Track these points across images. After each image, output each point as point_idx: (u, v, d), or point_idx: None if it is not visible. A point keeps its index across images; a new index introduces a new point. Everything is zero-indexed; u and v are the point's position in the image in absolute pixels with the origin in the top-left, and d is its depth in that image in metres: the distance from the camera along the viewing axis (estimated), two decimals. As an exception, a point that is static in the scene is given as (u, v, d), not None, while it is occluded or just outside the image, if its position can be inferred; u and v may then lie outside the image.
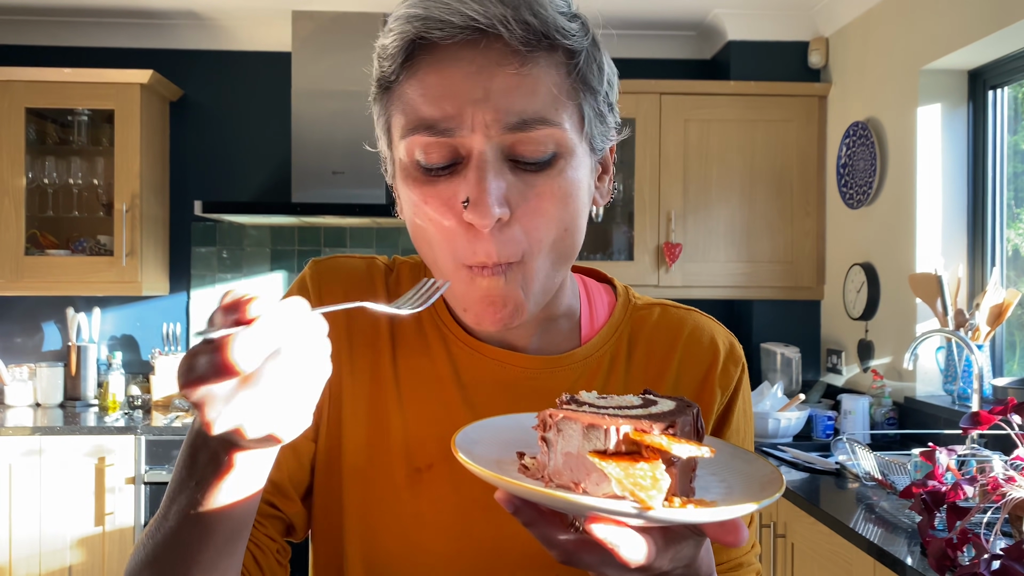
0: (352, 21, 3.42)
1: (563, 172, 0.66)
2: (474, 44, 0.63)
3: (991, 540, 1.59)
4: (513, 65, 0.63)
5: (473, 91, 0.62)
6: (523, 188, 0.65)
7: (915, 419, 2.82)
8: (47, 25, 3.63)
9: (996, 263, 2.74)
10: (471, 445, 0.61)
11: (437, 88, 0.63)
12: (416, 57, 0.65)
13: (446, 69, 0.63)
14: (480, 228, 0.63)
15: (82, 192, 3.51)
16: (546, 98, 0.64)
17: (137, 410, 3.44)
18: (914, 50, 2.83)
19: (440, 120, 0.63)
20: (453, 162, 0.65)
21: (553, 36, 0.64)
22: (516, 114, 0.63)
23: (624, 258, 3.48)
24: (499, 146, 0.64)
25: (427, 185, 0.66)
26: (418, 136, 0.64)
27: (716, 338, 0.80)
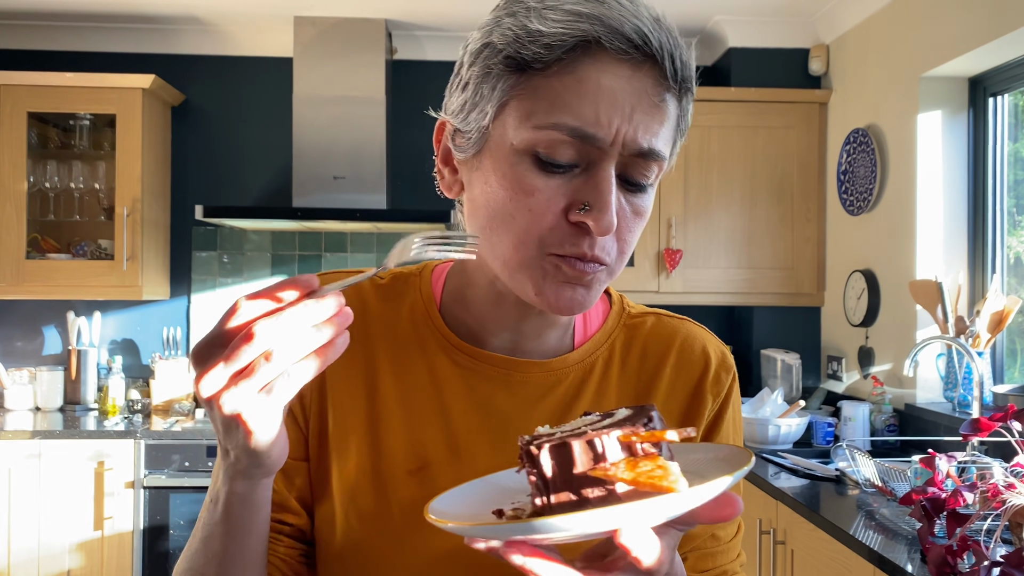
0: (354, 27, 3.43)
1: (650, 198, 0.71)
2: (635, 65, 0.65)
3: (991, 547, 1.58)
4: (658, 95, 0.66)
5: (624, 107, 0.65)
6: (625, 205, 0.68)
7: (915, 426, 2.81)
8: (49, 30, 3.64)
9: (996, 270, 2.74)
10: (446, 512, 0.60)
11: (595, 94, 0.64)
12: (579, 56, 0.64)
13: (607, 80, 0.64)
14: (596, 233, 0.65)
15: (83, 196, 3.51)
16: (666, 135, 0.68)
17: (137, 414, 3.43)
18: (914, 57, 2.83)
19: (589, 127, 0.64)
20: (573, 164, 0.66)
21: (688, 84, 0.68)
22: (649, 142, 0.66)
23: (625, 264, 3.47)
24: (619, 164, 0.67)
25: (538, 178, 0.66)
26: (559, 133, 0.65)
27: (708, 347, 0.82)
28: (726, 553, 0.81)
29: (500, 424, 0.76)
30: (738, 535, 0.83)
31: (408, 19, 3.49)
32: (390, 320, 0.79)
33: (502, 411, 0.76)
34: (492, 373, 0.77)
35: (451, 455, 0.75)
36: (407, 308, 0.80)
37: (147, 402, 3.51)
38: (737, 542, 0.83)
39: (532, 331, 0.77)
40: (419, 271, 0.83)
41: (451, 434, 0.76)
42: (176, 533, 3.11)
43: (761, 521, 2.46)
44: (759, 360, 3.57)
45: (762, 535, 2.44)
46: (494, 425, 0.76)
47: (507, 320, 0.77)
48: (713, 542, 0.81)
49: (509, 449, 0.74)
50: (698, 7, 3.36)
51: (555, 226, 0.66)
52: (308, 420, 0.79)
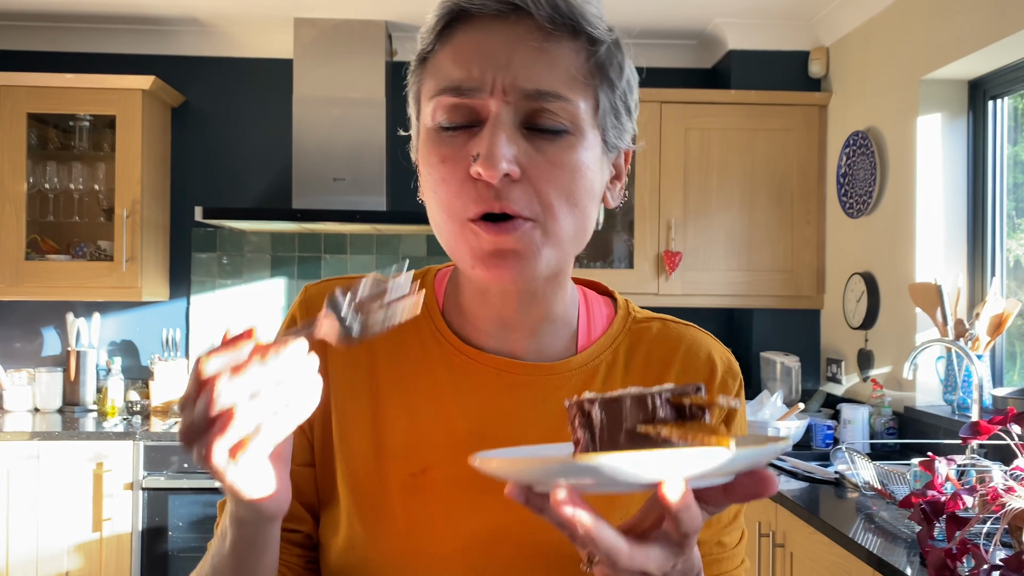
0: (354, 29, 3.43)
1: (573, 147, 0.69)
2: (505, 18, 0.68)
3: (991, 550, 1.58)
4: (537, 40, 0.68)
5: (498, 58, 0.67)
6: (535, 153, 0.68)
7: (915, 429, 2.81)
8: (49, 31, 3.64)
9: (996, 273, 2.74)
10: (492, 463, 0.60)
11: (466, 52, 0.68)
12: (452, 27, 0.70)
13: (477, 36, 0.68)
14: (488, 179, 0.65)
15: (83, 197, 3.51)
16: (563, 76, 0.68)
17: (136, 416, 3.43)
18: (914, 60, 2.84)
19: (465, 81, 0.67)
20: (472, 123, 0.68)
21: (578, 21, 0.69)
22: (534, 83, 0.67)
23: (624, 266, 3.48)
24: (515, 112, 0.67)
25: (444, 145, 0.69)
26: (444, 97, 0.68)
27: (713, 353, 0.81)
28: (731, 559, 0.81)
29: (502, 427, 0.76)
30: (742, 542, 0.83)
31: (408, 21, 3.49)
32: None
33: (504, 414, 0.76)
34: (494, 377, 0.77)
35: (453, 458, 0.75)
36: None
37: (146, 403, 3.51)
38: (741, 549, 0.82)
39: (520, 325, 0.77)
40: (422, 275, 0.83)
41: (453, 438, 0.76)
42: (175, 535, 3.11)
43: (760, 524, 2.46)
44: (758, 362, 3.57)
45: (761, 538, 2.44)
46: (496, 428, 0.76)
47: (492, 315, 0.77)
48: (719, 548, 0.80)
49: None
50: (698, 9, 3.36)
51: (461, 190, 0.68)
52: (313, 425, 0.80)
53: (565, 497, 0.51)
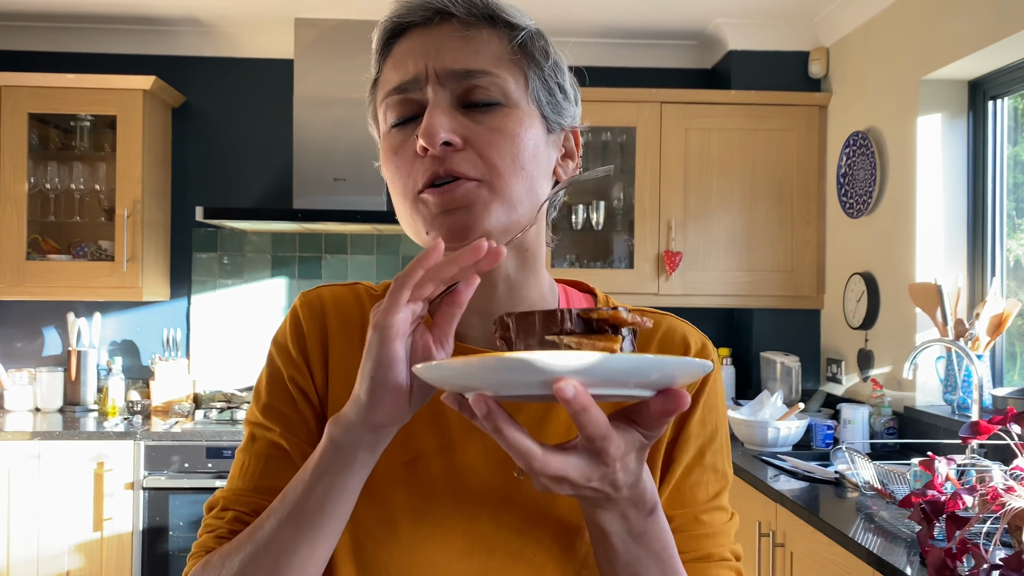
0: (354, 29, 3.43)
1: (509, 116, 0.75)
2: (431, 23, 0.76)
3: (991, 550, 1.59)
4: (460, 31, 0.76)
5: (427, 52, 0.75)
6: (474, 125, 0.74)
7: (915, 429, 2.82)
8: (50, 31, 3.65)
9: (996, 273, 2.74)
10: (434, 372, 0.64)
11: (402, 56, 0.77)
12: (391, 45, 0.79)
13: (410, 43, 0.77)
14: (429, 147, 0.71)
15: (84, 197, 3.52)
16: (488, 57, 0.75)
17: (136, 415, 3.44)
18: (914, 60, 2.84)
19: (404, 80, 0.75)
20: (416, 115, 0.75)
21: (494, 12, 0.77)
22: (462, 64, 0.74)
23: (625, 266, 3.48)
24: (450, 94, 0.74)
25: (395, 139, 0.76)
26: (389, 98, 0.77)
27: (688, 336, 0.86)
28: (712, 539, 0.81)
29: None
30: (731, 522, 0.83)
31: (409, 21, 3.49)
32: None
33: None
34: None
35: (441, 445, 0.79)
36: None
37: (147, 403, 3.51)
38: (727, 531, 0.82)
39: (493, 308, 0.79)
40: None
41: (441, 426, 0.79)
42: (175, 534, 3.11)
43: (760, 524, 2.46)
44: (758, 362, 3.57)
45: (761, 538, 2.44)
46: None
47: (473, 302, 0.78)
48: (696, 524, 0.81)
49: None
50: (698, 10, 3.37)
51: (411, 169, 0.74)
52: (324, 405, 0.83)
53: (478, 399, 0.57)
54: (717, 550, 0.81)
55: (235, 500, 0.80)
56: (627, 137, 3.49)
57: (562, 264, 3.49)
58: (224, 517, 0.80)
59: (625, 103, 3.41)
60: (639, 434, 0.61)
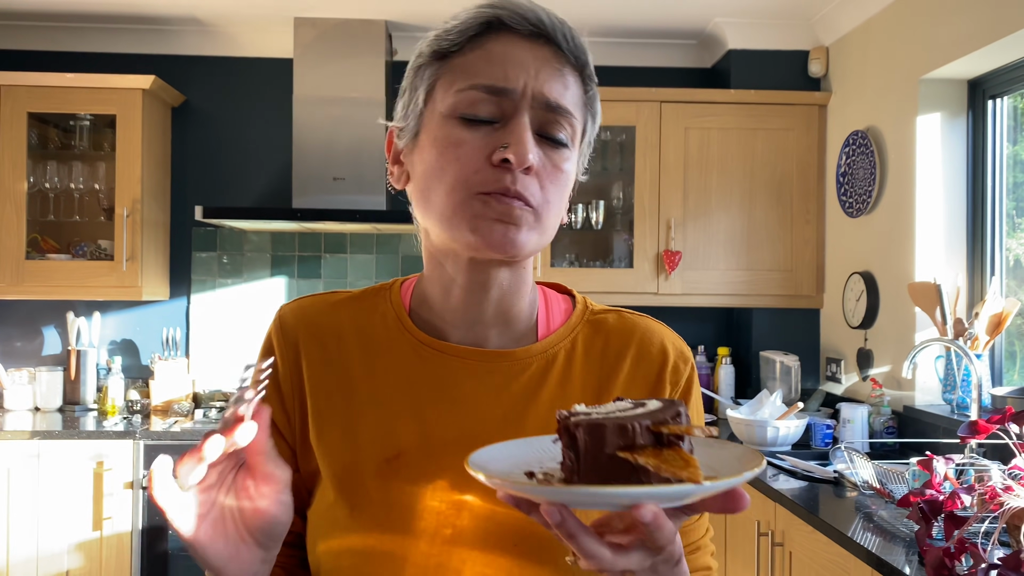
0: (354, 28, 3.43)
1: (568, 160, 0.80)
2: (533, 40, 0.78)
3: (989, 549, 1.59)
4: (558, 64, 0.78)
5: (528, 69, 0.77)
6: (544, 157, 0.78)
7: (914, 428, 2.82)
8: (50, 30, 3.65)
9: (996, 272, 2.74)
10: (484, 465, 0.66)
11: (500, 58, 0.77)
12: (485, 35, 0.78)
13: (510, 48, 0.78)
14: (517, 166, 0.74)
15: (83, 197, 3.52)
16: (572, 98, 0.79)
17: (136, 415, 3.44)
18: (914, 59, 2.84)
19: (500, 81, 0.76)
20: (493, 120, 0.77)
21: (585, 59, 0.80)
22: (555, 97, 0.77)
23: (624, 265, 3.48)
24: (533, 119, 0.77)
25: (464, 131, 0.77)
26: (475, 92, 0.76)
27: (665, 341, 0.88)
28: (696, 530, 0.87)
29: (468, 410, 0.82)
30: (707, 535, 0.90)
31: (408, 20, 3.50)
32: (364, 328, 0.87)
33: (469, 399, 0.82)
34: (458, 364, 0.83)
35: (423, 441, 0.81)
36: (379, 316, 0.87)
37: (146, 403, 3.51)
38: (705, 518, 0.89)
39: (489, 317, 0.84)
40: (389, 286, 0.90)
41: (423, 423, 0.81)
42: (175, 534, 3.11)
43: (759, 523, 2.46)
44: (758, 362, 3.57)
45: (760, 537, 2.44)
46: (463, 411, 0.82)
47: (460, 306, 0.83)
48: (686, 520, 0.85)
49: (478, 432, 0.80)
50: (697, 9, 3.37)
51: (480, 169, 0.75)
52: (294, 431, 0.85)
53: (552, 510, 0.59)
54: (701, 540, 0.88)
55: None
56: (627, 136, 3.49)
57: (562, 264, 3.49)
58: None
59: (625, 102, 3.41)
60: (684, 515, 0.65)
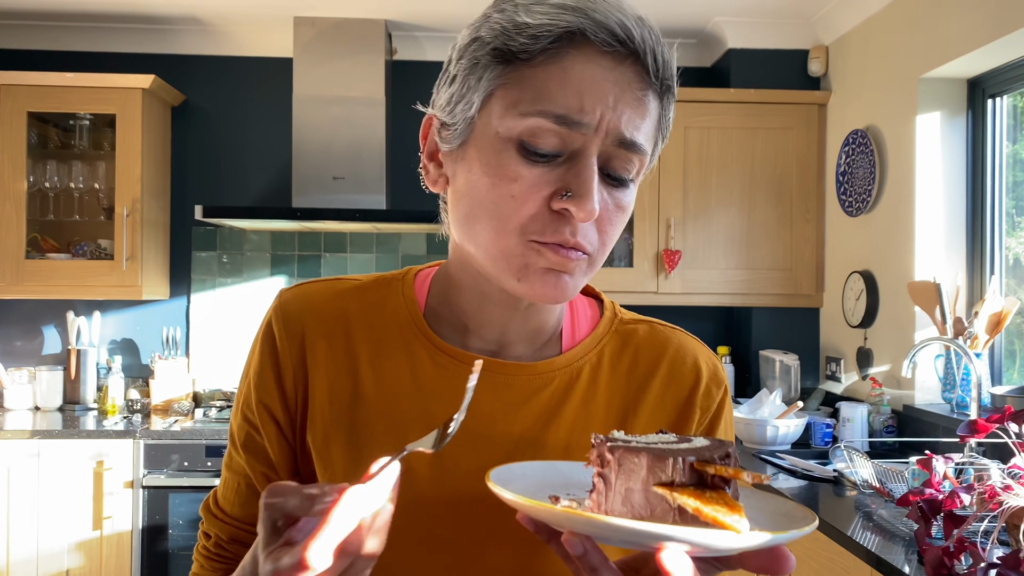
0: (353, 27, 3.43)
1: (630, 195, 0.71)
2: (618, 59, 0.67)
3: (988, 548, 1.59)
4: (639, 90, 0.67)
5: (607, 97, 0.66)
6: (606, 198, 0.69)
7: (913, 427, 2.82)
8: (49, 30, 3.64)
9: (995, 271, 2.74)
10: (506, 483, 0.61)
11: (579, 83, 0.66)
12: (564, 48, 0.66)
13: (591, 70, 0.66)
14: (578, 220, 0.66)
15: (83, 196, 3.52)
16: (648, 129, 0.69)
17: (136, 414, 3.44)
18: (913, 58, 2.84)
19: (573, 112, 0.65)
20: (556, 154, 0.67)
21: (670, 83, 0.70)
22: (631, 132, 0.67)
23: (624, 265, 3.48)
24: (602, 153, 0.68)
25: (522, 165, 0.67)
26: (544, 121, 0.66)
27: (699, 359, 0.81)
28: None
29: (484, 426, 0.75)
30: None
31: (408, 20, 3.49)
32: (372, 324, 0.79)
33: (486, 413, 0.76)
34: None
35: (434, 457, 0.74)
36: (390, 312, 0.79)
37: (146, 402, 3.51)
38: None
39: (517, 332, 0.78)
40: (401, 276, 0.83)
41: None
42: (175, 533, 3.11)
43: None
44: (757, 361, 3.57)
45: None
46: (477, 427, 0.75)
47: (493, 321, 0.77)
48: None
49: (493, 450, 0.74)
50: (697, 8, 3.37)
51: (537, 213, 0.67)
52: (295, 431, 0.80)
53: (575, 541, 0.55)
54: None
55: (215, 524, 0.82)
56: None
57: (561, 263, 3.48)
58: (210, 537, 0.83)
59: (624, 101, 3.40)
60: (719, 568, 0.59)
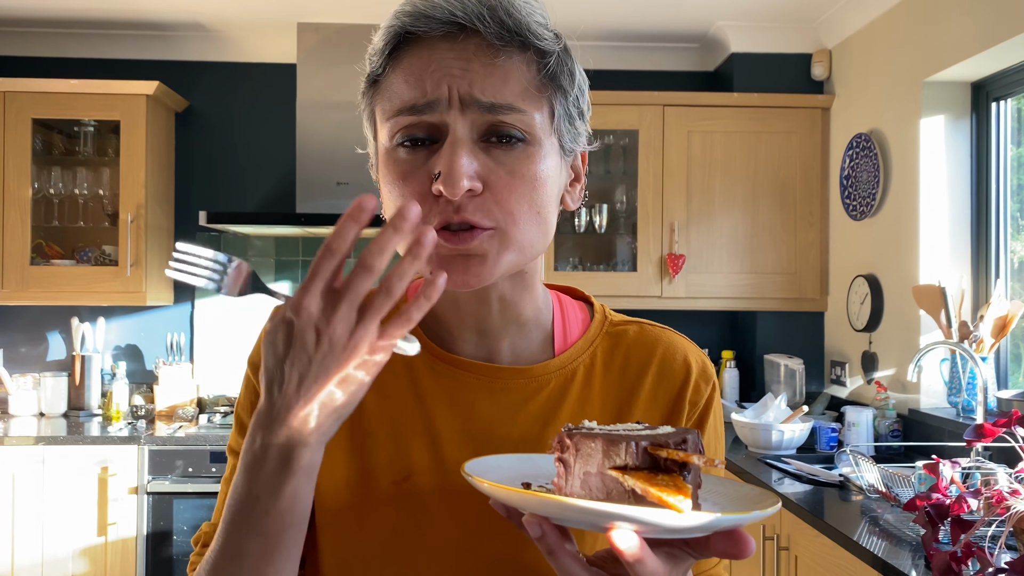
0: (357, 33, 3.44)
1: (532, 157, 0.70)
2: (453, 37, 0.69)
3: (996, 553, 1.58)
4: (488, 56, 0.69)
5: (452, 72, 0.68)
6: (494, 166, 0.69)
7: (919, 431, 2.81)
8: (54, 37, 3.66)
9: (1000, 275, 2.73)
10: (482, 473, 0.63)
11: (418, 71, 0.69)
12: (400, 50, 0.71)
13: (428, 55, 0.69)
14: (450, 197, 0.67)
15: (87, 202, 3.52)
16: (516, 88, 0.69)
17: (140, 420, 3.44)
18: (917, 62, 2.83)
19: (420, 99, 0.69)
20: (430, 139, 0.70)
21: (525, 35, 0.70)
22: (489, 96, 0.68)
23: (628, 269, 3.48)
24: (472, 126, 0.69)
25: (404, 163, 0.70)
26: (401, 117, 0.70)
27: (689, 356, 0.83)
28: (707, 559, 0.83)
29: (483, 431, 0.77)
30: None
31: (411, 25, 3.50)
32: None
33: (484, 418, 0.77)
34: (472, 381, 0.78)
35: (435, 463, 0.76)
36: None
37: (151, 408, 3.52)
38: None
39: (497, 328, 0.78)
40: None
41: (435, 443, 0.77)
42: (180, 539, 3.11)
43: (764, 527, 2.45)
44: (762, 365, 3.56)
45: (766, 541, 2.44)
46: (477, 432, 0.77)
47: (467, 320, 0.78)
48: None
49: (494, 452, 0.75)
50: (699, 13, 3.37)
51: (423, 203, 0.68)
52: None
53: (532, 521, 0.58)
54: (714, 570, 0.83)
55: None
56: (630, 140, 3.49)
57: (565, 267, 3.48)
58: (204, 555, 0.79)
59: (627, 106, 3.41)
60: (691, 557, 0.60)
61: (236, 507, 0.63)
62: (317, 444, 0.61)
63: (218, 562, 0.65)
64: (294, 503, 0.62)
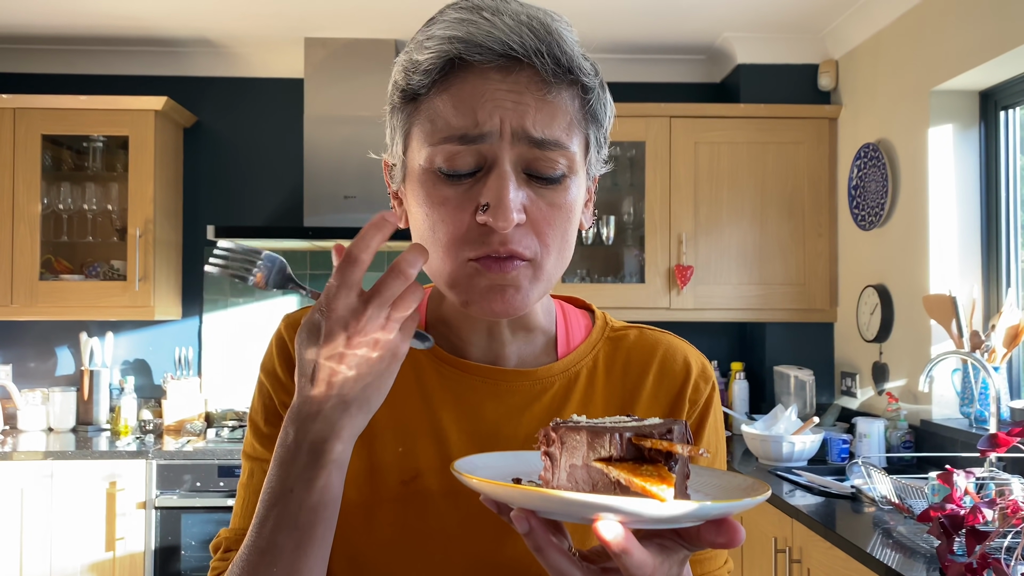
0: (364, 48, 3.46)
1: (568, 189, 0.73)
2: (507, 70, 0.69)
3: (1012, 564, 1.56)
4: (540, 91, 0.70)
5: (504, 103, 0.69)
6: (535, 199, 0.71)
7: (932, 442, 2.78)
8: (63, 53, 3.68)
9: (1011, 284, 2.71)
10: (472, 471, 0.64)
11: (470, 101, 0.69)
12: (450, 75, 0.71)
13: (480, 84, 0.70)
14: (500, 230, 0.69)
15: (96, 217, 3.54)
16: (563, 123, 0.71)
17: (149, 435, 3.44)
18: (924, 71, 2.83)
19: (471, 128, 0.69)
20: (475, 170, 0.70)
21: (576, 73, 0.71)
22: (540, 132, 0.69)
23: (636, 281, 3.47)
24: (518, 159, 0.70)
25: (445, 188, 0.71)
26: (448, 145, 0.70)
27: (688, 357, 0.85)
28: (713, 560, 0.83)
29: (489, 432, 0.79)
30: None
31: (418, 39, 3.51)
32: None
33: (490, 420, 0.79)
34: (478, 384, 0.80)
35: (442, 464, 0.77)
36: None
37: (159, 422, 3.52)
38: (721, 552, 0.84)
39: (504, 336, 0.81)
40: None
41: (442, 444, 0.78)
42: (188, 554, 3.10)
43: (776, 540, 2.43)
44: (772, 377, 3.55)
45: (777, 553, 2.42)
46: (483, 433, 0.79)
47: (479, 326, 0.80)
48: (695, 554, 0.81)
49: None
50: (706, 24, 3.37)
51: (466, 231, 0.70)
52: None
53: (520, 516, 0.58)
54: (718, 572, 0.83)
55: (237, 541, 0.79)
56: (636, 152, 3.49)
57: (572, 279, 3.48)
58: (228, 559, 0.78)
59: (634, 118, 3.42)
60: (684, 549, 0.61)
61: (270, 501, 0.66)
62: (349, 438, 0.65)
63: (251, 557, 0.67)
64: (326, 495, 0.66)
